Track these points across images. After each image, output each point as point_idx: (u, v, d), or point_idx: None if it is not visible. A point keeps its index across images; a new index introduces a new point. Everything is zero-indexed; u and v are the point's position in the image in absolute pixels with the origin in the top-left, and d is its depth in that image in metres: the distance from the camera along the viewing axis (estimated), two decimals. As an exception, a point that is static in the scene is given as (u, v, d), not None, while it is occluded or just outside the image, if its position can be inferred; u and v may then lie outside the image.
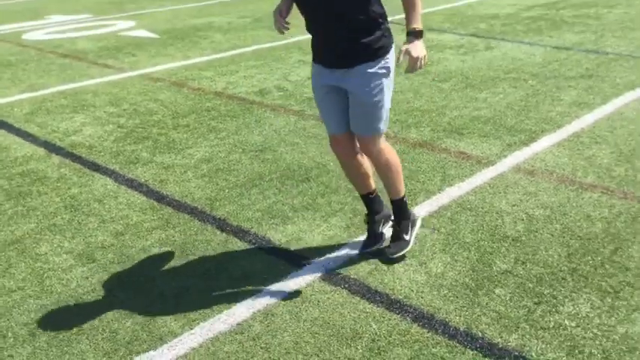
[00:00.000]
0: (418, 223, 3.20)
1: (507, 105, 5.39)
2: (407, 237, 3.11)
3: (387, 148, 2.97)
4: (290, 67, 7.01)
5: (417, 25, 2.69)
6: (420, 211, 3.56)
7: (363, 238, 3.29)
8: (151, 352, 2.55)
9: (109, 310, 2.84)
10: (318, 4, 2.72)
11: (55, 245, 3.42)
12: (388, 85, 2.85)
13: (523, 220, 3.45)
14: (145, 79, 6.82)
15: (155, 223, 3.62)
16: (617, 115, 5.02)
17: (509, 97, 5.59)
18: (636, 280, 2.88)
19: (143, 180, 4.21)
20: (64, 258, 3.29)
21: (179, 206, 3.81)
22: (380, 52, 2.78)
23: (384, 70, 2.80)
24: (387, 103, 2.86)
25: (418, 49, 2.66)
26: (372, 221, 3.19)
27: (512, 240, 3.26)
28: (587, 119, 4.95)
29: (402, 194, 3.10)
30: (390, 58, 2.84)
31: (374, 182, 3.16)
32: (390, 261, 3.06)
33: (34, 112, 5.79)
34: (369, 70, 2.77)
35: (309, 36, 2.91)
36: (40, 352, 2.59)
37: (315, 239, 3.35)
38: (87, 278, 3.11)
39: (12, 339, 2.68)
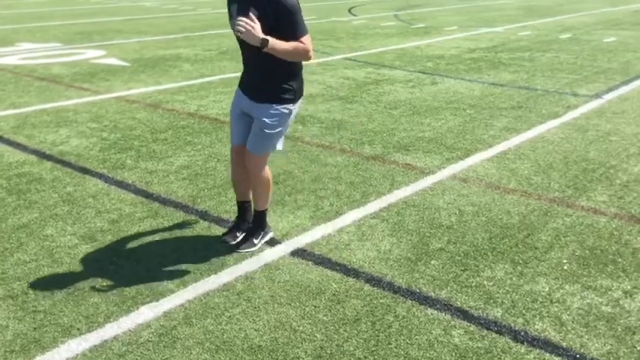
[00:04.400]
0: (268, 236, 3.80)
1: (448, 129, 6.19)
2: (256, 241, 3.72)
3: (265, 170, 3.62)
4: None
5: (272, 41, 3.14)
6: (372, 207, 4.27)
7: (324, 226, 3.97)
8: (154, 303, 3.13)
9: (115, 274, 3.41)
10: (245, 47, 3.40)
11: (59, 229, 3.97)
12: (285, 124, 3.50)
13: (456, 213, 4.18)
14: (121, 101, 7.40)
15: (145, 213, 4.20)
16: (539, 138, 5.88)
17: (449, 123, 6.41)
18: (542, 255, 3.62)
19: (130, 181, 4.79)
20: (68, 238, 3.84)
21: (165, 201, 4.40)
22: (285, 100, 3.45)
23: (285, 112, 3.45)
24: (277, 136, 3.52)
25: (254, 35, 3.14)
26: (238, 223, 3.83)
27: (446, 227, 3.97)
28: (514, 141, 5.79)
29: (264, 208, 3.74)
30: (294, 107, 3.49)
31: (250, 196, 3.79)
32: (236, 251, 3.66)
33: (20, 126, 6.30)
34: (274, 109, 3.42)
35: None
36: (59, 304, 3.13)
37: (284, 227, 4.00)
38: (92, 253, 3.67)
39: (33, 295, 3.22)
